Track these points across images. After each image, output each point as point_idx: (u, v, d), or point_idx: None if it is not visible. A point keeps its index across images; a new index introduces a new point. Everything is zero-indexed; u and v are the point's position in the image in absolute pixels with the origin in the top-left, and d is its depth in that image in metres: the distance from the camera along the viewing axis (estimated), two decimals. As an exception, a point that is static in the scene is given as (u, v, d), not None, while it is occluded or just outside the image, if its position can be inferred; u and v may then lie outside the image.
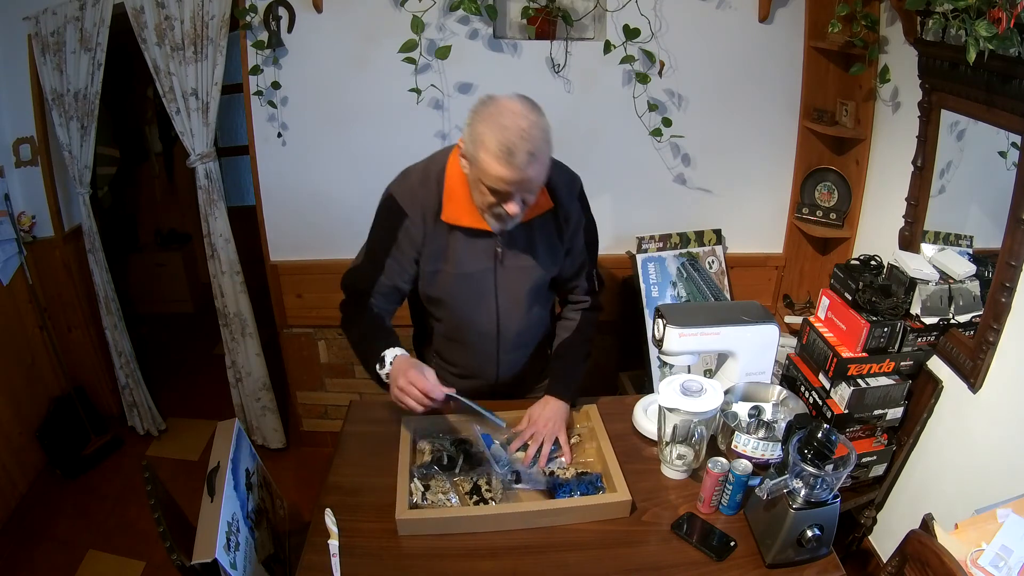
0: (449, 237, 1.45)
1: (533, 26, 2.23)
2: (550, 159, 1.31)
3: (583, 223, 1.56)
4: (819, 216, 2.47)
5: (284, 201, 2.48)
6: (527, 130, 1.23)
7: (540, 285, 1.56)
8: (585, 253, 1.59)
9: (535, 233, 1.49)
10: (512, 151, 1.22)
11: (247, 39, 2.24)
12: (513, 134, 1.22)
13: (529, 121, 1.24)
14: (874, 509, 2.04)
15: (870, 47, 2.11)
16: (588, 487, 1.42)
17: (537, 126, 1.25)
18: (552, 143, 1.31)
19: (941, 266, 1.84)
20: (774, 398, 1.59)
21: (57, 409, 2.72)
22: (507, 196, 1.29)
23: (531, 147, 1.23)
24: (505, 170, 1.24)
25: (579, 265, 1.60)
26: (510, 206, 1.30)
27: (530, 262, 1.50)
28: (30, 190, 2.57)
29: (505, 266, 1.49)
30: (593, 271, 1.63)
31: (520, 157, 1.22)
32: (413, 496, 1.38)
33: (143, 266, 4.05)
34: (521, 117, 1.24)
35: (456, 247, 1.46)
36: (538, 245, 1.50)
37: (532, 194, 1.33)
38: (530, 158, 1.23)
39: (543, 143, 1.26)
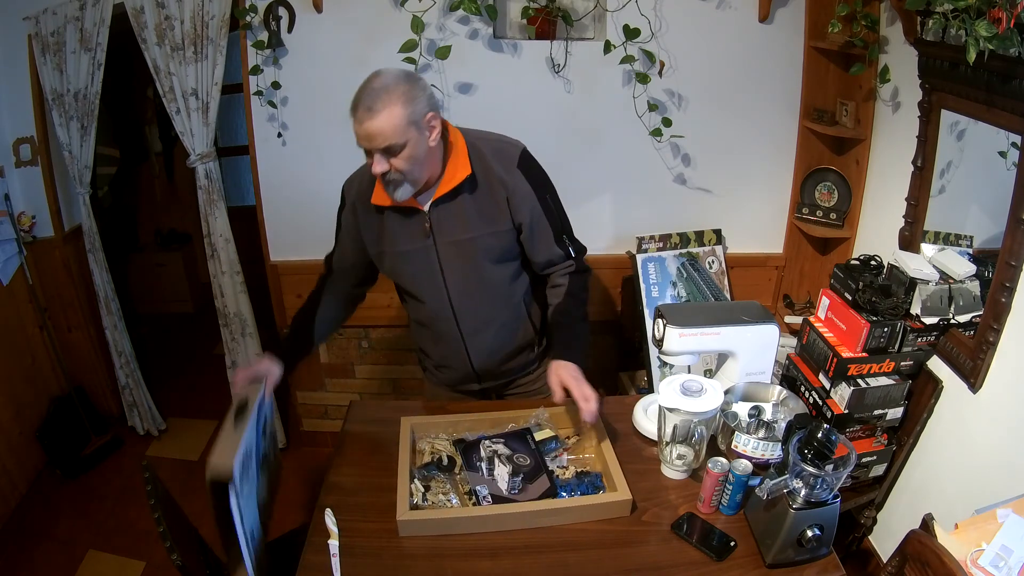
0: (382, 219, 1.56)
1: (533, 26, 2.23)
2: (403, 120, 1.36)
3: (532, 192, 1.55)
4: (819, 216, 2.47)
5: (284, 201, 2.48)
6: (375, 88, 1.36)
7: (486, 259, 1.57)
8: (546, 222, 1.57)
9: (462, 205, 1.52)
10: (355, 106, 1.36)
11: (247, 39, 2.24)
12: (361, 92, 1.37)
13: (381, 82, 1.37)
14: (874, 509, 2.04)
15: (870, 47, 2.11)
16: (588, 487, 1.42)
17: (390, 89, 1.36)
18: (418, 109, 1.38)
19: (941, 266, 1.84)
20: (774, 398, 1.59)
21: (57, 409, 2.72)
22: (367, 153, 1.41)
23: (370, 102, 1.34)
24: (354, 125, 1.38)
25: (545, 236, 1.58)
26: (375, 165, 1.40)
27: (464, 235, 1.53)
28: (30, 190, 2.57)
29: (441, 241, 1.54)
30: (563, 237, 1.61)
31: (360, 111, 1.35)
32: (413, 497, 1.38)
33: (143, 266, 4.05)
34: (377, 79, 1.38)
35: (389, 227, 1.56)
36: (469, 217, 1.53)
37: (397, 158, 1.39)
38: (368, 112, 1.34)
39: (388, 101, 1.35)
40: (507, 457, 1.44)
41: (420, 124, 1.39)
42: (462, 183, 1.50)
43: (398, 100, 1.35)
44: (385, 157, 1.38)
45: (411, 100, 1.37)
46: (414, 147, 1.40)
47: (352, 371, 2.72)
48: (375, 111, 1.34)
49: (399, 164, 1.40)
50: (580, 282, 1.63)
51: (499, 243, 1.56)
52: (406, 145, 1.38)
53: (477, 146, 1.53)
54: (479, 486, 1.40)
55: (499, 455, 1.45)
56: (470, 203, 1.52)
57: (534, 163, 1.58)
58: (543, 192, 1.57)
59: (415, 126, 1.38)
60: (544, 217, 1.57)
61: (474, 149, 1.53)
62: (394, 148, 1.37)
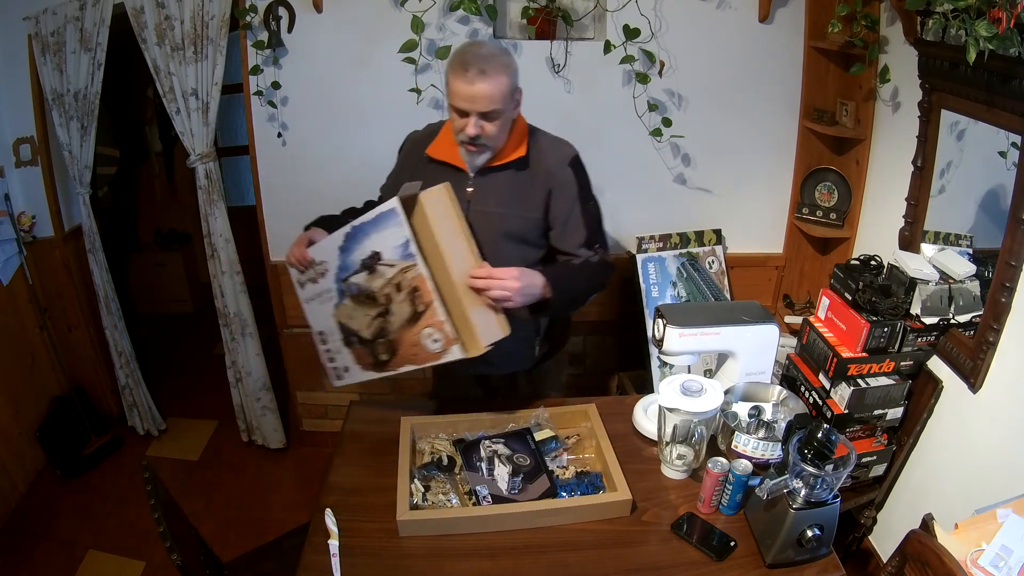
0: (429, 169, 1.62)
1: (533, 26, 2.23)
2: (506, 88, 1.47)
3: (577, 192, 1.61)
4: (819, 216, 2.47)
5: (284, 201, 2.48)
6: (483, 54, 1.45)
7: (510, 237, 1.61)
8: (582, 223, 1.62)
9: (505, 181, 1.59)
10: (464, 65, 1.44)
11: (247, 39, 2.24)
12: (470, 55, 1.45)
13: (489, 50, 1.47)
14: (874, 509, 2.04)
15: (870, 47, 2.11)
16: (588, 487, 1.42)
17: (496, 57, 1.46)
18: (516, 82, 1.50)
19: (941, 266, 1.84)
20: (774, 398, 1.59)
21: (57, 409, 2.72)
22: (463, 115, 1.48)
23: (483, 66, 1.43)
24: (459, 82, 1.44)
25: (577, 236, 1.62)
26: (469, 127, 1.48)
27: (498, 208, 1.59)
28: (30, 190, 2.57)
29: (474, 208, 1.59)
30: (594, 244, 1.65)
31: (471, 72, 1.43)
32: (413, 497, 1.38)
33: (143, 266, 4.05)
34: (482, 46, 1.48)
35: (432, 180, 1.58)
36: (506, 194, 1.59)
37: (492, 123, 1.48)
38: (480, 74, 1.42)
39: (497, 69, 1.44)
40: (507, 457, 1.44)
41: (514, 96, 1.51)
42: (512, 161, 1.58)
43: (505, 69, 1.46)
44: (481, 121, 1.47)
45: (514, 72, 1.50)
46: (507, 117, 1.52)
47: (352, 371, 2.72)
48: (488, 75, 1.43)
49: (491, 129, 1.49)
50: (595, 269, 1.64)
51: (524, 226, 1.62)
52: (502, 113, 1.49)
53: (536, 135, 1.64)
54: (479, 486, 1.40)
55: (499, 455, 1.45)
56: (512, 181, 1.60)
57: (583, 168, 1.66)
58: (587, 196, 1.65)
59: (511, 97, 1.50)
60: (581, 219, 1.63)
61: (533, 137, 1.62)
62: (493, 114, 1.47)
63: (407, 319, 1.50)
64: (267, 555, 1.75)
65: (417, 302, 1.47)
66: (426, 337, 1.49)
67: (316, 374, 2.75)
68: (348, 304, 1.60)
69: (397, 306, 1.51)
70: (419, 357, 1.52)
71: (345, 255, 1.55)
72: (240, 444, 2.89)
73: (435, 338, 1.47)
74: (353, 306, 1.59)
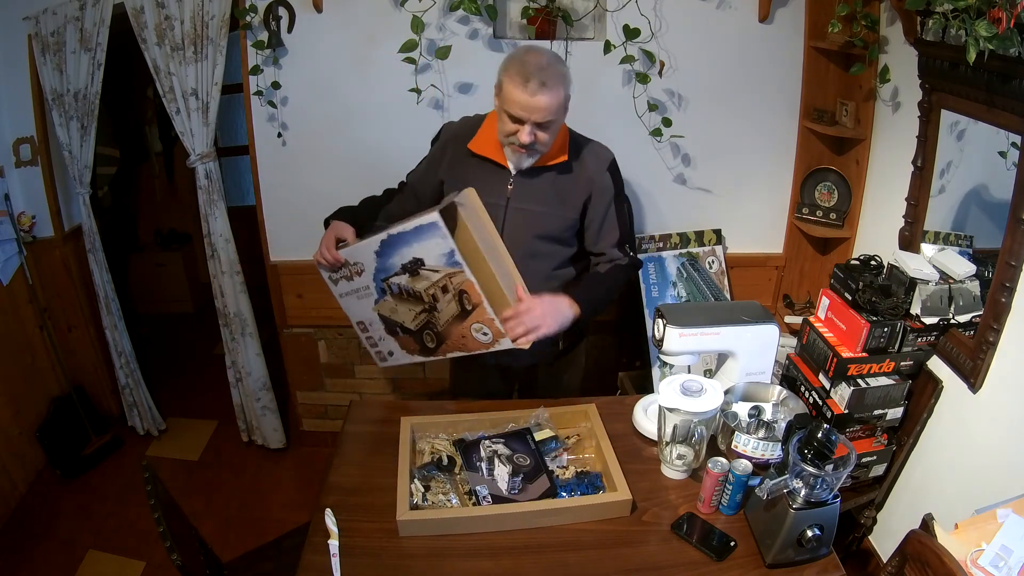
0: (470, 164, 1.67)
1: (533, 26, 2.23)
2: (563, 100, 1.51)
3: (613, 194, 1.67)
4: (819, 216, 2.47)
5: (284, 201, 2.48)
6: (544, 66, 1.47)
7: (544, 237, 1.66)
8: (616, 224, 1.70)
9: (546, 181, 1.64)
10: (528, 78, 1.46)
11: (247, 39, 2.24)
12: (531, 67, 1.47)
13: (548, 60, 1.50)
14: (874, 509, 2.04)
15: (870, 47, 2.11)
16: (588, 487, 1.42)
17: (554, 67, 1.49)
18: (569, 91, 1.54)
19: (941, 266, 1.84)
20: (774, 398, 1.59)
21: (57, 409, 2.72)
22: (520, 121, 1.50)
23: (544, 78, 1.46)
24: (520, 93, 1.46)
25: (610, 236, 1.69)
26: (523, 134, 1.50)
27: (537, 208, 1.64)
28: (30, 190, 2.57)
29: (513, 207, 1.64)
30: (626, 246, 1.71)
31: (533, 84, 1.45)
32: (413, 497, 1.38)
33: (143, 266, 4.05)
34: (542, 57, 1.50)
35: (475, 174, 1.65)
36: (549, 194, 1.63)
37: (545, 131, 1.53)
38: (541, 87, 1.45)
39: (556, 81, 1.48)
40: (507, 457, 1.44)
41: (566, 106, 1.55)
42: (556, 165, 1.62)
43: (562, 81, 1.50)
44: (536, 129, 1.51)
45: (568, 83, 1.54)
46: (559, 125, 1.57)
47: (352, 371, 2.72)
48: (548, 88, 1.46)
49: (544, 137, 1.54)
50: (621, 273, 1.71)
51: (559, 226, 1.68)
52: (555, 122, 1.53)
53: (578, 140, 1.69)
54: (479, 486, 1.40)
55: (499, 455, 1.45)
56: (552, 182, 1.65)
57: (619, 171, 1.71)
58: (621, 199, 1.69)
59: (565, 107, 1.55)
60: (616, 220, 1.68)
61: (574, 141, 1.68)
62: (548, 124, 1.51)
63: (455, 316, 1.56)
64: (267, 555, 1.75)
65: (466, 302, 1.53)
66: (476, 331, 1.56)
67: (316, 374, 2.75)
68: (390, 300, 1.62)
69: (444, 305, 1.56)
70: (468, 346, 1.61)
71: (383, 259, 1.57)
72: (240, 444, 2.89)
73: (484, 332, 1.56)
74: (395, 303, 1.62)
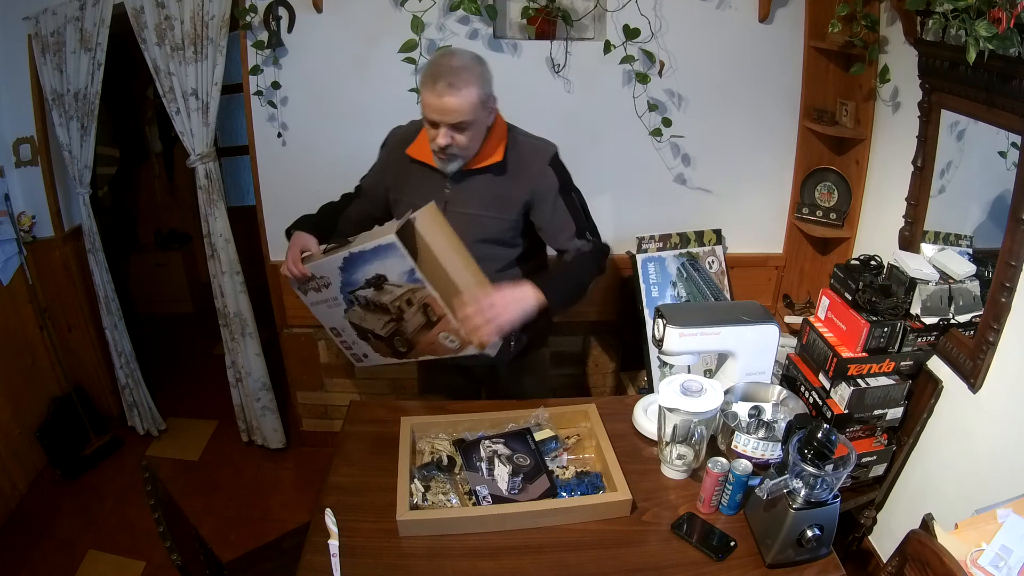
0: (410, 169, 1.66)
1: (533, 26, 2.23)
2: (477, 100, 1.47)
3: (558, 188, 1.62)
4: (819, 216, 2.47)
5: (284, 201, 2.48)
6: (454, 68, 1.44)
7: (486, 240, 1.64)
8: (569, 217, 1.64)
9: (483, 184, 1.61)
10: (433, 79, 1.44)
11: (247, 39, 2.24)
12: (439, 67, 1.45)
13: (460, 61, 1.47)
14: (874, 509, 2.04)
15: (870, 47, 2.11)
16: (588, 487, 1.42)
17: (468, 68, 1.46)
18: (488, 91, 1.50)
19: (941, 266, 1.84)
20: (774, 398, 1.59)
21: (57, 409, 2.72)
22: (434, 126, 1.49)
23: (452, 79, 1.43)
24: (429, 95, 1.45)
25: (567, 229, 1.65)
26: (440, 137, 1.49)
27: (475, 211, 1.62)
28: (30, 190, 2.57)
29: (452, 210, 1.61)
30: (585, 232, 1.67)
31: (440, 85, 1.43)
32: (413, 497, 1.38)
33: (143, 266, 4.05)
34: (453, 57, 1.48)
35: (412, 179, 1.66)
36: (486, 197, 1.61)
37: (462, 133, 1.49)
38: (449, 87, 1.43)
39: (467, 82, 1.45)
40: (507, 457, 1.44)
41: (487, 105, 1.51)
42: (490, 166, 1.59)
43: (476, 81, 1.46)
44: (451, 132, 1.48)
45: (485, 82, 1.50)
46: (479, 126, 1.51)
47: (352, 371, 2.72)
48: (456, 88, 1.43)
49: (461, 140, 1.50)
50: (589, 260, 1.66)
51: (499, 227, 1.65)
52: (473, 123, 1.50)
53: (517, 139, 1.64)
54: (479, 486, 1.40)
55: (499, 455, 1.45)
56: (490, 185, 1.61)
57: (563, 164, 1.67)
58: (568, 190, 1.66)
59: (483, 106, 1.49)
60: (568, 212, 1.65)
61: (513, 140, 1.62)
62: (463, 125, 1.48)
63: (421, 326, 1.57)
64: (267, 555, 1.75)
65: (431, 314, 1.54)
66: (444, 339, 1.57)
67: (316, 374, 2.75)
68: (358, 310, 1.63)
69: (410, 316, 1.57)
70: (437, 351, 1.61)
71: (347, 275, 1.58)
72: (240, 444, 2.89)
73: (451, 340, 1.56)
74: (364, 312, 1.62)
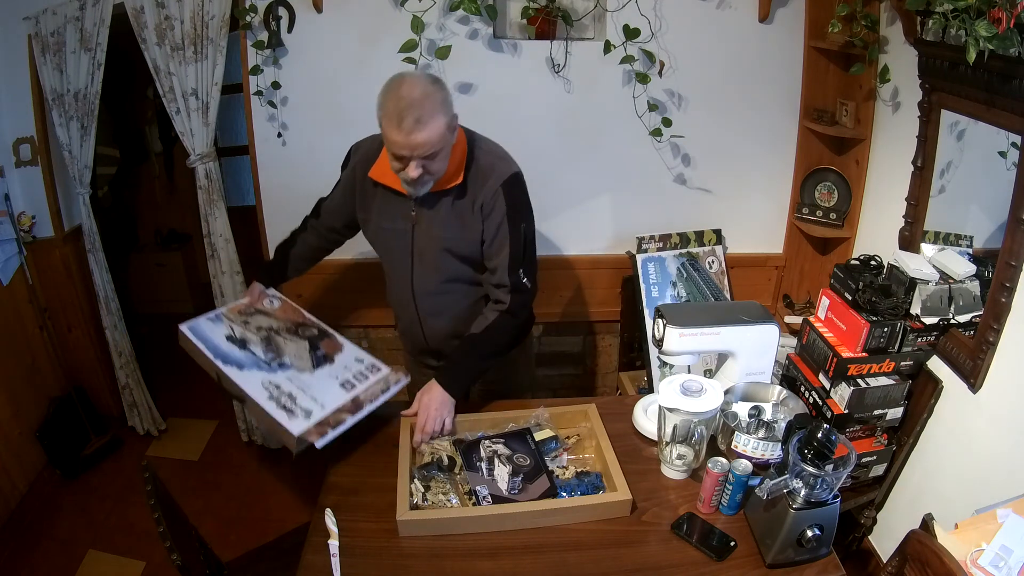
0: (375, 192, 1.63)
1: (533, 26, 2.23)
2: (444, 129, 1.42)
3: (506, 215, 1.57)
4: (819, 216, 2.47)
5: (284, 201, 2.48)
6: (416, 100, 1.37)
7: (453, 257, 1.63)
8: (508, 247, 1.58)
9: (447, 207, 1.58)
10: (399, 117, 1.37)
11: (247, 39, 2.24)
12: (400, 102, 1.37)
13: (423, 91, 1.39)
14: (874, 509, 2.04)
15: (870, 47, 2.11)
16: (588, 487, 1.42)
17: (430, 98, 1.39)
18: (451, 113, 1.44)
19: (941, 266, 1.84)
20: (774, 398, 1.59)
21: (57, 409, 2.72)
22: (404, 159, 1.43)
23: (418, 114, 1.37)
24: (395, 133, 1.39)
25: (501, 258, 1.60)
26: (410, 169, 1.44)
27: (442, 232, 1.60)
28: (30, 190, 2.56)
29: (419, 230, 1.61)
30: (519, 270, 1.61)
31: (408, 123, 1.37)
32: (413, 497, 1.38)
33: (143, 266, 4.04)
34: (416, 88, 1.39)
35: (379, 202, 1.64)
36: (449, 218, 1.59)
37: (433, 161, 1.45)
38: (416, 124, 1.37)
39: (432, 113, 1.39)
40: (507, 457, 1.44)
41: (452, 127, 1.46)
42: (452, 188, 1.56)
43: (439, 109, 1.41)
44: (422, 163, 1.43)
45: (447, 106, 1.44)
46: (447, 150, 1.47)
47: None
48: (424, 123, 1.38)
49: (433, 167, 1.46)
50: (506, 324, 1.63)
51: (466, 248, 1.63)
52: (443, 150, 1.44)
53: (476, 156, 1.58)
54: (479, 486, 1.40)
55: (499, 455, 1.45)
56: (451, 206, 1.58)
57: (519, 190, 1.61)
58: (517, 219, 1.59)
59: (450, 131, 1.45)
60: (508, 242, 1.58)
61: (473, 159, 1.58)
62: (434, 155, 1.43)
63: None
64: (267, 555, 1.75)
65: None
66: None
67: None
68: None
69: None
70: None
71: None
72: (240, 444, 2.88)
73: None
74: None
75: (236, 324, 1.65)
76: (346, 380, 1.57)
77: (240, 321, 1.67)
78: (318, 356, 1.62)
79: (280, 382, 1.51)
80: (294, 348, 1.61)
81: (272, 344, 1.61)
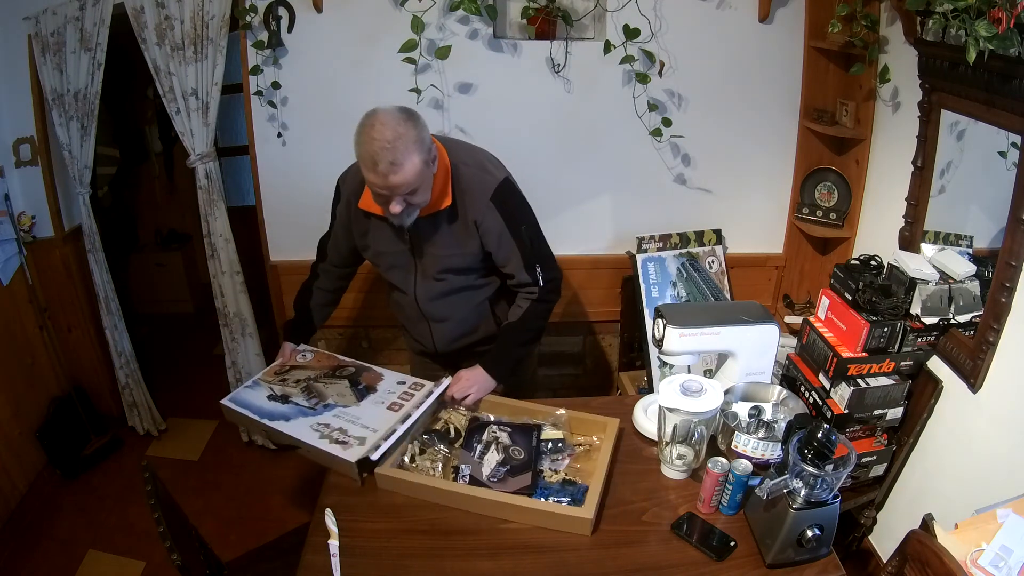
0: (368, 221, 1.66)
1: (533, 26, 2.24)
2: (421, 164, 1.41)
3: (503, 225, 1.61)
4: (819, 216, 2.47)
5: (284, 201, 2.48)
6: (391, 141, 1.36)
7: (453, 271, 1.67)
8: (517, 252, 1.64)
9: (440, 226, 1.61)
10: (374, 161, 1.36)
11: (247, 39, 2.24)
12: (378, 145, 1.36)
13: (395, 132, 1.37)
14: (874, 509, 2.04)
15: (870, 47, 2.11)
16: (568, 496, 1.39)
17: (403, 137, 1.37)
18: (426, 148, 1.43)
19: (941, 266, 1.84)
20: (774, 398, 1.59)
21: (57, 409, 2.72)
22: (385, 199, 1.44)
23: (392, 157, 1.36)
24: (372, 176, 1.39)
25: (515, 262, 1.66)
26: (392, 206, 1.44)
27: (439, 251, 1.64)
28: (30, 190, 2.56)
29: (417, 250, 1.66)
30: (535, 265, 1.67)
31: (383, 166, 1.36)
32: (405, 455, 1.45)
33: (143, 266, 4.05)
34: (388, 129, 1.37)
35: (373, 230, 1.67)
36: (445, 236, 1.61)
37: (415, 195, 1.45)
38: (391, 167, 1.36)
39: (407, 153, 1.38)
40: (504, 447, 1.46)
41: (429, 162, 1.45)
42: (442, 211, 1.58)
43: (415, 147, 1.39)
44: (403, 198, 1.44)
45: (423, 141, 1.42)
46: (428, 181, 1.47)
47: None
48: (399, 164, 1.37)
49: (416, 199, 1.47)
50: (538, 311, 1.71)
51: (467, 261, 1.67)
52: (423, 183, 1.45)
53: (461, 174, 1.58)
54: (464, 464, 1.44)
55: (498, 442, 1.48)
56: (445, 228, 1.61)
57: (511, 195, 1.63)
58: (516, 224, 1.62)
59: (426, 165, 1.44)
60: (515, 247, 1.63)
61: (457, 175, 1.58)
62: (414, 190, 1.44)
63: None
64: (267, 555, 1.75)
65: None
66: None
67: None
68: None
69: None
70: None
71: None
72: (240, 444, 2.88)
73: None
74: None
75: (274, 384, 1.66)
76: (392, 402, 1.58)
77: (277, 381, 1.68)
78: (359, 389, 1.62)
79: (328, 421, 1.52)
80: (335, 389, 1.63)
81: (313, 391, 1.62)
